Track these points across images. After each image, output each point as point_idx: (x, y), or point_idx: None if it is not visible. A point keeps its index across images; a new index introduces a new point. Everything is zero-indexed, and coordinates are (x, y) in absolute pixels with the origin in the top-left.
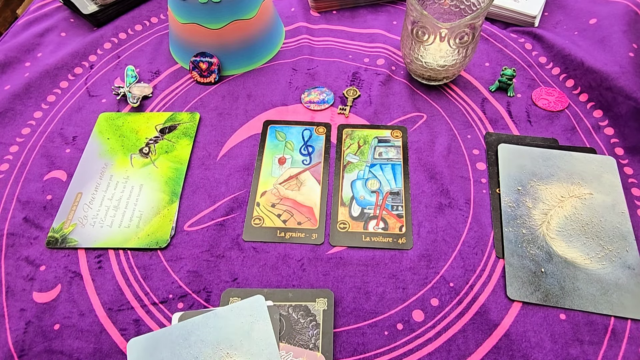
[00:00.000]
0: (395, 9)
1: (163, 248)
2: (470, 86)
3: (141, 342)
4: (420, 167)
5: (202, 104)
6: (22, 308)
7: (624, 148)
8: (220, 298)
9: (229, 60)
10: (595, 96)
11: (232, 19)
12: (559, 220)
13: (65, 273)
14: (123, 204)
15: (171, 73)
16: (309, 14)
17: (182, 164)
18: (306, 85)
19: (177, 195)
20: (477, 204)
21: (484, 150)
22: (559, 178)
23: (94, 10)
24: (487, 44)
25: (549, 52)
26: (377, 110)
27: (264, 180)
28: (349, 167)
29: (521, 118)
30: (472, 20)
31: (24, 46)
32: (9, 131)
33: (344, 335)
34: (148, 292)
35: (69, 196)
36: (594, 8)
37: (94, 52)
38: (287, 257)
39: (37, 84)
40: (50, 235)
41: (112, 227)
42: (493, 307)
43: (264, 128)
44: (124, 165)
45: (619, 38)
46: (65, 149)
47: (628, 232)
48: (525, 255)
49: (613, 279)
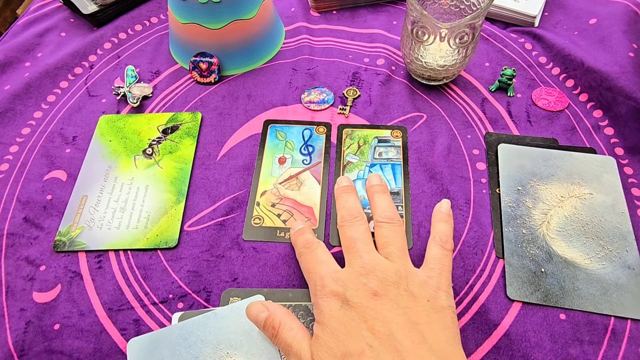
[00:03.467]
0: (395, 9)
1: (173, 247)
2: (470, 86)
3: (141, 342)
4: (420, 167)
5: (202, 103)
6: (22, 308)
7: (624, 148)
8: (220, 298)
9: (229, 60)
10: (595, 96)
11: (232, 19)
12: (559, 220)
13: (65, 273)
14: (130, 206)
15: (171, 73)
16: (309, 14)
17: (187, 163)
18: (306, 85)
19: (183, 195)
20: (477, 204)
21: (484, 150)
22: (559, 178)
23: (94, 10)
24: (487, 44)
25: (549, 52)
26: (377, 110)
27: (264, 180)
28: (349, 167)
29: (521, 118)
30: (472, 20)
31: (24, 46)
32: (9, 131)
33: None
34: (148, 292)
35: (74, 199)
36: (594, 8)
37: (94, 52)
38: (287, 257)
39: (37, 84)
40: (58, 238)
41: (119, 228)
42: (493, 307)
43: (264, 127)
44: (128, 167)
45: (619, 38)
46: (66, 149)
47: (628, 232)
48: (525, 255)
49: (613, 279)
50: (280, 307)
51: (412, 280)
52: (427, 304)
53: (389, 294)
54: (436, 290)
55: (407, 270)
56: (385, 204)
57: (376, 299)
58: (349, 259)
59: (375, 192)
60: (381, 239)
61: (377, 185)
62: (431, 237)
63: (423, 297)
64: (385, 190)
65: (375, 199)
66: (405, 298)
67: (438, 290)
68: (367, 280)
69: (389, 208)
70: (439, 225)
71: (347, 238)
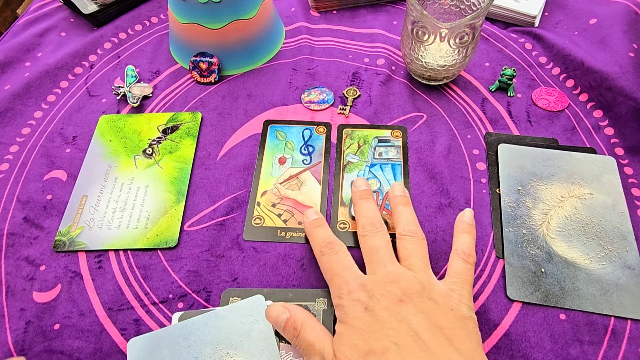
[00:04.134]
0: (395, 9)
1: (173, 247)
2: (470, 86)
3: (141, 342)
4: (420, 167)
5: (202, 103)
6: (22, 308)
7: (624, 148)
8: (220, 298)
9: (229, 60)
10: (595, 96)
11: (232, 18)
12: (559, 220)
13: (65, 273)
14: (130, 205)
15: (171, 73)
16: (309, 13)
17: (187, 163)
18: (306, 85)
19: (183, 195)
20: (477, 204)
21: (484, 150)
22: (559, 178)
23: (94, 10)
24: (487, 44)
25: (549, 52)
26: (377, 110)
27: (265, 180)
28: (349, 167)
29: (521, 118)
30: (472, 20)
31: (24, 46)
32: (9, 131)
33: None
34: (148, 291)
35: (74, 199)
36: (594, 8)
37: (94, 52)
38: (287, 257)
39: (37, 83)
40: (58, 238)
41: (119, 228)
42: (493, 307)
43: (264, 128)
44: (128, 167)
45: (619, 38)
46: (66, 148)
47: (628, 232)
48: (525, 255)
49: (613, 279)
50: (300, 309)
51: (435, 290)
52: (450, 312)
53: (413, 301)
54: (458, 303)
55: (430, 281)
56: (408, 217)
57: (401, 304)
58: (372, 267)
59: (398, 203)
60: (404, 251)
61: (401, 196)
62: (453, 250)
63: (446, 306)
64: (408, 202)
65: (398, 211)
66: (429, 305)
67: (460, 302)
68: (391, 288)
69: (412, 221)
70: (462, 237)
71: (369, 247)
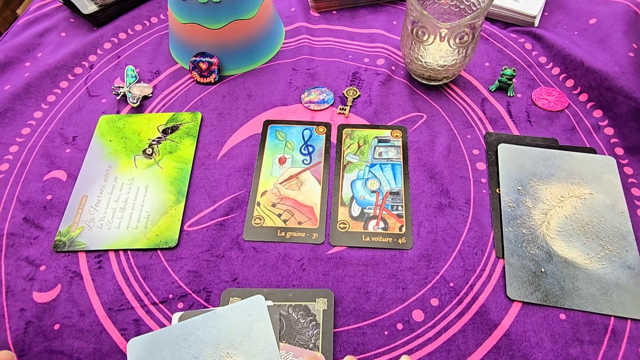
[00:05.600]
0: (395, 9)
1: (173, 247)
2: (470, 86)
3: (141, 342)
4: (420, 167)
5: (202, 103)
6: (22, 308)
7: (624, 148)
8: (220, 298)
9: (229, 60)
10: (595, 96)
11: (232, 19)
12: (559, 220)
13: (65, 273)
14: (129, 206)
15: (171, 73)
16: (309, 14)
17: (187, 163)
18: (306, 85)
19: (183, 195)
20: (477, 204)
21: (484, 150)
22: (559, 178)
23: (94, 10)
24: (487, 44)
25: (549, 52)
26: (377, 110)
27: (265, 180)
28: (349, 167)
29: (521, 118)
30: (472, 20)
31: (24, 46)
32: (9, 131)
33: (344, 335)
34: (148, 292)
35: (74, 199)
36: (594, 8)
37: (94, 52)
38: (287, 257)
39: (37, 84)
40: (58, 239)
41: (119, 228)
42: (493, 307)
43: (264, 128)
44: (128, 167)
45: (619, 38)
46: (65, 149)
47: (628, 232)
48: (525, 255)
49: (613, 279)
50: None
51: None
52: None
53: None
54: None
55: None
56: None
57: None
58: None
59: None
60: None
61: None
62: None
63: None
64: None
65: None
66: None
67: None
68: None
69: None
70: None
71: None
